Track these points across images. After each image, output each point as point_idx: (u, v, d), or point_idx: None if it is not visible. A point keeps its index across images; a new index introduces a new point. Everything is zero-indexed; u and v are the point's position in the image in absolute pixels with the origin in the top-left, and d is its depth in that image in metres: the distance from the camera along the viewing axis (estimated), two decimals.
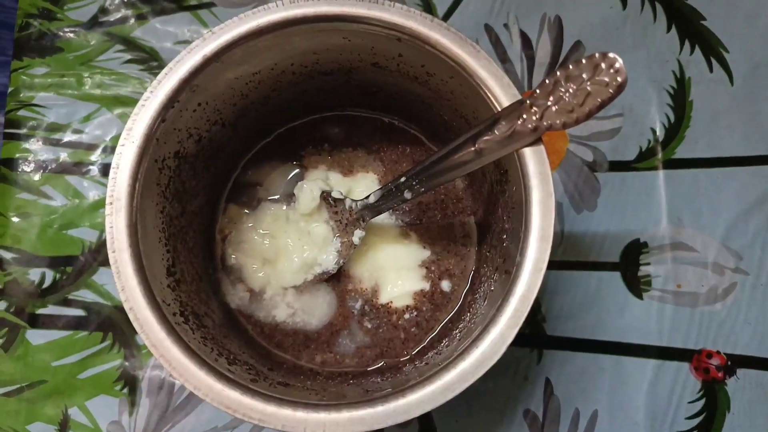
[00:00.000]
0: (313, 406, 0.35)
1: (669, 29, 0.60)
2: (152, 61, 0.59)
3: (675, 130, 0.57)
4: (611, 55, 0.34)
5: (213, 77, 0.41)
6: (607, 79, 0.34)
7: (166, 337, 0.36)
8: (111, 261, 0.36)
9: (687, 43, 0.59)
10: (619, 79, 0.33)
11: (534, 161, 0.38)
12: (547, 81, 0.36)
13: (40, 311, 0.54)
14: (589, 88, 0.34)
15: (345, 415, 0.35)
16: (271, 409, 0.35)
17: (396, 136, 0.54)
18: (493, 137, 0.38)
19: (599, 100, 0.34)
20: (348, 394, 0.40)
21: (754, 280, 0.54)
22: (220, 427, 0.52)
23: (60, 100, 0.58)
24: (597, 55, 0.34)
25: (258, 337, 0.49)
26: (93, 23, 0.59)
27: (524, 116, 0.37)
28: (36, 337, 0.53)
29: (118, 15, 0.59)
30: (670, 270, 0.55)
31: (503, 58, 0.59)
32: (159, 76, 0.39)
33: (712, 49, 0.59)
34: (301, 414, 0.35)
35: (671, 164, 0.57)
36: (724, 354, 0.53)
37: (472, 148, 0.39)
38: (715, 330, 0.54)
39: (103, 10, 0.59)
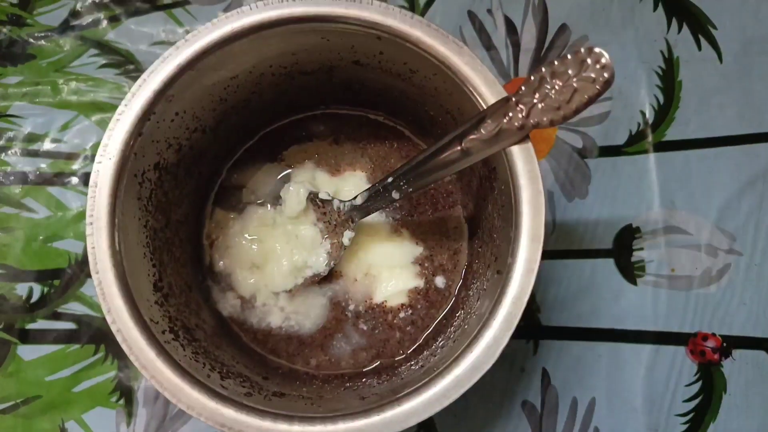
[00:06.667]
0: (309, 419, 0.35)
1: (656, 8, 0.58)
2: (128, 65, 0.57)
3: (665, 112, 0.57)
4: (597, 50, 0.33)
5: (189, 85, 0.40)
6: (593, 75, 0.33)
7: (156, 358, 0.35)
8: (95, 282, 0.36)
9: (674, 22, 0.58)
10: (605, 75, 0.32)
11: (522, 159, 0.37)
12: (532, 78, 0.35)
13: (30, 326, 0.53)
14: (575, 84, 0.33)
15: (341, 426, 0.35)
16: (266, 424, 0.35)
17: (382, 132, 0.53)
18: (480, 136, 0.37)
19: (586, 96, 0.33)
20: (344, 401, 0.40)
21: (748, 260, 0.54)
22: None
23: (36, 109, 0.56)
24: (583, 50, 0.33)
25: (251, 344, 0.49)
26: (65, 27, 0.57)
27: (510, 114, 0.36)
28: (27, 352, 0.53)
29: (90, 18, 0.57)
30: (664, 254, 0.54)
31: (488, 45, 0.58)
32: (133, 88, 0.38)
33: (700, 26, 0.58)
34: (297, 428, 0.35)
35: (662, 146, 0.56)
36: (720, 336, 0.53)
37: (459, 148, 0.38)
38: (710, 312, 0.53)
39: (74, 14, 0.57)
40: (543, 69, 0.34)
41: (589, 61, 0.33)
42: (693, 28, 0.58)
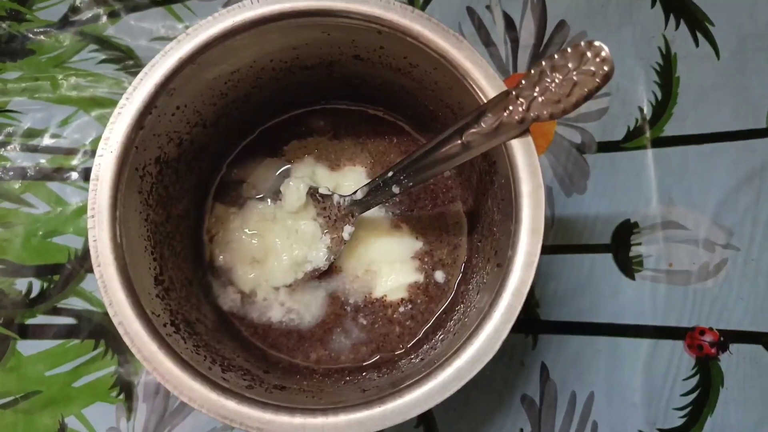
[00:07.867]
0: (310, 411, 0.35)
1: (654, 4, 0.59)
2: (128, 60, 0.57)
3: (663, 108, 0.57)
4: (597, 43, 0.33)
5: (190, 79, 0.40)
6: (593, 69, 0.33)
7: (158, 350, 0.35)
8: (96, 275, 0.36)
9: (672, 18, 0.58)
10: (605, 68, 0.33)
11: (522, 153, 0.37)
12: (532, 71, 0.35)
13: (30, 321, 0.53)
14: (575, 77, 0.34)
15: (342, 418, 0.35)
16: (268, 416, 0.35)
17: (382, 128, 0.53)
18: (480, 130, 0.37)
19: (586, 89, 0.33)
20: (344, 395, 0.40)
21: (745, 255, 0.54)
22: (218, 428, 0.52)
23: (35, 105, 0.56)
24: (582, 43, 0.33)
25: (252, 338, 0.49)
26: (64, 23, 0.57)
27: (510, 108, 0.36)
28: (27, 347, 0.53)
29: (90, 13, 0.57)
30: (662, 249, 0.55)
31: (487, 42, 0.58)
32: (134, 82, 0.38)
33: (697, 23, 0.58)
34: (298, 419, 0.35)
35: (660, 142, 0.56)
36: (717, 330, 0.53)
37: (459, 141, 0.38)
38: (707, 307, 0.54)
39: (74, 9, 0.57)
40: (543, 63, 0.35)
41: (588, 54, 0.33)
42: (690, 25, 0.58)
